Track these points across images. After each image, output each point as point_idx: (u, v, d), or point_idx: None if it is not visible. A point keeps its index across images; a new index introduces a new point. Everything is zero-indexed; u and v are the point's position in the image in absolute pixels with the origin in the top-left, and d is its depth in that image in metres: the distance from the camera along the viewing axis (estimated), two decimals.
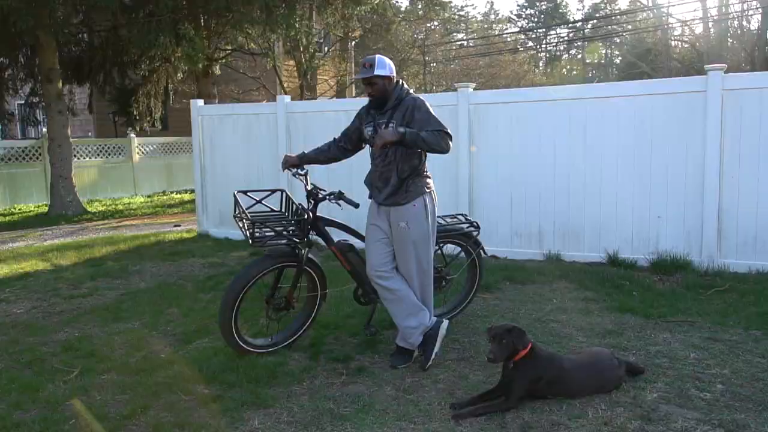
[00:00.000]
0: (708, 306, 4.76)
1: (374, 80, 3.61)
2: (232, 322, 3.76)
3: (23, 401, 3.39)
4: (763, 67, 21.82)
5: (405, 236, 3.67)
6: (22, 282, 6.27)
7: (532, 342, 3.21)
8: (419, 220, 3.68)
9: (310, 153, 4.07)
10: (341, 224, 4.09)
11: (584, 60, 46.80)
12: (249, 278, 3.76)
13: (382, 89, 3.64)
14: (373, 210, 3.85)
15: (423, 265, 3.74)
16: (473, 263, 4.53)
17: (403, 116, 3.60)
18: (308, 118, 7.82)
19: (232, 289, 3.75)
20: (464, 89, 6.85)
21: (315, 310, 4.15)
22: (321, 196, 3.91)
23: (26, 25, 9.96)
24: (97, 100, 15.33)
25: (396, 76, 3.71)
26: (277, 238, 3.77)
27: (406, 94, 3.68)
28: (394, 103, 3.66)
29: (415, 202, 3.67)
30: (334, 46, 21.16)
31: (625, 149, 6.14)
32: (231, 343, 3.84)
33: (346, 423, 3.06)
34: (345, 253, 4.04)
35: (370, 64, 3.61)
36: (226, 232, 8.38)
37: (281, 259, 3.86)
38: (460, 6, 51.55)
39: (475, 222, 4.50)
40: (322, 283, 4.10)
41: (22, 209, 12.95)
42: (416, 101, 3.62)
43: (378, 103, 3.71)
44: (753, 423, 2.93)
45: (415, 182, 3.68)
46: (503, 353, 3.12)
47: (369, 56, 3.68)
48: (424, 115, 3.56)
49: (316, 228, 3.95)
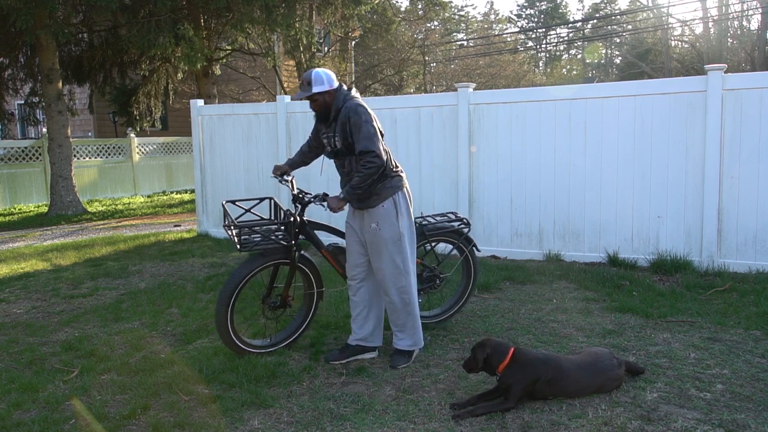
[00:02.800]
0: (708, 306, 4.76)
1: (314, 97, 3.64)
2: (228, 321, 3.76)
3: (23, 401, 3.39)
4: (763, 67, 21.84)
5: (377, 237, 3.70)
6: (22, 282, 6.27)
7: (514, 348, 3.23)
8: (390, 220, 3.69)
9: (294, 158, 4.12)
10: (329, 227, 4.14)
11: (584, 60, 46.80)
12: (242, 277, 3.76)
13: (323, 103, 3.67)
14: (350, 211, 3.92)
15: (399, 265, 3.72)
16: (467, 260, 4.52)
17: (343, 128, 3.61)
18: (308, 118, 7.81)
19: (225, 289, 3.76)
20: (464, 89, 6.85)
21: (312, 309, 4.15)
22: (307, 199, 3.96)
23: (26, 25, 9.96)
24: (97, 100, 15.34)
25: (335, 84, 3.67)
26: (264, 242, 3.80)
27: (343, 102, 3.64)
28: (335, 115, 3.66)
29: (385, 203, 3.69)
30: (334, 46, 21.16)
31: (625, 149, 6.14)
32: (228, 344, 3.83)
33: (346, 423, 3.06)
34: (336, 256, 4.08)
35: (307, 82, 3.62)
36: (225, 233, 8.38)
37: (273, 257, 3.87)
38: (460, 6, 51.64)
39: (465, 219, 4.49)
40: (317, 281, 4.10)
41: (22, 209, 12.96)
42: (349, 111, 3.58)
43: (321, 117, 3.74)
44: (753, 423, 2.93)
45: (384, 183, 3.69)
46: (475, 364, 3.25)
47: (306, 72, 3.67)
48: (355, 129, 3.56)
49: (305, 232, 4.00)
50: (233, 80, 20.11)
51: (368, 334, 3.91)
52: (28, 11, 9.92)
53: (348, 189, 3.60)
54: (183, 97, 17.69)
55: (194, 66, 11.80)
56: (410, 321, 3.82)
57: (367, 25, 20.12)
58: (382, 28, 20.98)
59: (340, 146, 3.66)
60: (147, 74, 14.55)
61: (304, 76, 3.66)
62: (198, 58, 11.54)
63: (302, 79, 3.67)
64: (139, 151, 16.03)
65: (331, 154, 3.81)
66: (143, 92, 14.75)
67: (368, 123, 3.56)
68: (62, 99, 11.84)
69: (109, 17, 12.03)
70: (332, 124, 3.69)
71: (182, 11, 12.34)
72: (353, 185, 3.56)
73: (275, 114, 8.02)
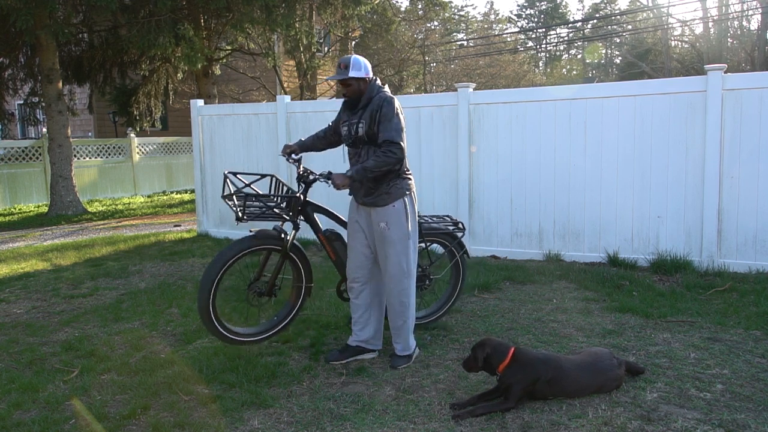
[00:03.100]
0: (708, 306, 4.76)
1: (349, 81, 3.68)
2: (209, 305, 3.61)
3: (23, 401, 3.39)
4: (763, 67, 21.85)
5: (385, 237, 3.70)
6: (22, 282, 6.27)
7: (515, 348, 3.23)
8: (400, 221, 3.69)
9: (306, 140, 4.14)
10: (330, 212, 4.09)
11: (584, 60, 46.80)
12: (227, 258, 3.61)
13: (357, 90, 3.70)
14: (353, 206, 3.89)
15: (404, 267, 3.74)
16: (456, 265, 4.49)
17: (371, 116, 3.64)
18: (308, 118, 7.82)
19: (210, 270, 3.59)
20: (464, 89, 6.85)
21: (298, 304, 4.05)
22: (312, 177, 3.91)
23: (26, 25, 9.97)
24: (97, 100, 15.35)
25: (371, 74, 3.74)
26: (266, 213, 3.70)
27: (377, 92, 3.70)
28: (365, 103, 3.70)
29: (395, 203, 3.69)
30: (334, 46, 21.17)
31: (625, 149, 6.14)
32: (210, 329, 3.69)
33: (346, 423, 3.06)
34: (332, 242, 4.04)
35: (345, 66, 3.66)
36: (226, 232, 8.39)
37: (265, 241, 3.75)
38: (460, 6, 51.64)
39: (461, 223, 4.48)
40: (307, 275, 4.01)
41: (22, 209, 12.96)
42: (383, 101, 3.63)
43: (352, 103, 3.77)
44: (753, 423, 2.93)
45: (396, 183, 3.70)
46: (475, 364, 3.25)
47: (344, 57, 3.72)
48: (385, 119, 3.60)
49: (305, 213, 3.93)
50: (233, 80, 20.11)
51: (369, 337, 3.91)
52: (28, 11, 9.92)
53: (359, 168, 3.55)
54: (183, 97, 17.69)
55: (194, 66, 11.81)
56: (405, 327, 3.82)
57: (367, 25, 20.13)
58: (382, 28, 20.99)
59: (362, 134, 3.68)
60: (147, 74, 14.56)
61: (341, 60, 3.69)
62: (198, 58, 11.54)
63: (340, 62, 3.70)
64: (139, 151, 16.03)
65: (349, 140, 3.80)
66: (143, 92, 14.76)
67: (398, 117, 3.63)
68: (62, 99, 11.85)
69: (109, 17, 12.03)
70: (359, 112, 3.72)
71: (182, 11, 12.34)
72: (367, 166, 3.54)
73: (275, 114, 8.03)
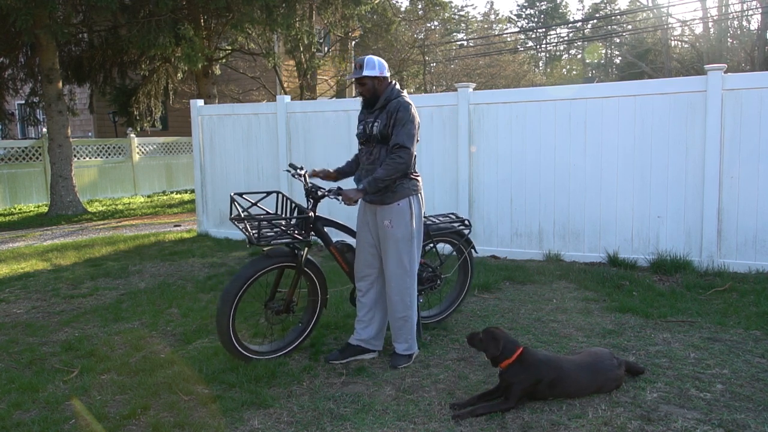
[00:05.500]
0: (708, 306, 4.76)
1: (364, 80, 3.72)
2: (230, 326, 3.64)
3: (23, 401, 3.39)
4: (763, 67, 21.84)
5: (388, 234, 3.73)
6: (22, 282, 6.27)
7: (523, 348, 3.22)
8: (404, 220, 3.72)
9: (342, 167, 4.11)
10: (340, 224, 4.09)
11: (584, 60, 46.79)
12: (246, 278, 3.65)
13: (371, 89, 3.74)
14: (362, 207, 3.92)
15: (406, 266, 3.76)
16: (465, 262, 4.53)
17: (387, 118, 3.68)
18: (308, 118, 7.82)
19: (229, 291, 3.63)
20: (464, 89, 6.85)
21: (315, 317, 4.05)
22: (320, 193, 3.89)
23: (26, 25, 9.96)
24: (97, 100, 15.33)
25: (389, 76, 3.78)
26: (281, 236, 3.71)
27: (396, 96, 3.73)
28: (382, 104, 3.73)
29: (401, 202, 3.72)
30: (334, 46, 21.15)
31: (625, 149, 6.14)
32: (229, 349, 3.71)
33: (346, 423, 3.06)
34: (343, 253, 4.05)
35: (360, 65, 3.71)
36: (226, 232, 8.39)
37: (280, 260, 3.78)
38: (460, 6, 51.65)
39: (467, 220, 4.50)
40: (322, 288, 4.01)
41: (22, 209, 12.96)
42: (400, 105, 3.67)
43: (368, 102, 3.79)
44: (753, 423, 2.93)
45: (403, 183, 3.72)
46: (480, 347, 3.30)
47: (360, 56, 3.75)
48: (399, 123, 3.65)
49: (316, 228, 3.92)
50: (233, 80, 20.11)
51: (370, 337, 3.91)
52: (28, 11, 9.91)
53: (371, 180, 3.62)
54: (183, 97, 17.69)
55: (194, 66, 11.81)
56: (407, 326, 3.82)
57: (367, 25, 20.10)
58: (382, 28, 20.97)
59: (376, 132, 3.71)
60: (147, 74, 14.55)
61: (357, 60, 3.74)
62: (198, 58, 11.54)
63: (355, 62, 3.75)
64: (139, 151, 16.03)
65: (362, 137, 3.83)
66: (143, 92, 14.75)
67: (412, 124, 3.67)
68: (62, 99, 11.85)
69: (109, 17, 12.03)
70: (376, 111, 3.75)
71: (182, 11, 12.33)
72: (377, 176, 3.60)
73: (275, 114, 8.02)
